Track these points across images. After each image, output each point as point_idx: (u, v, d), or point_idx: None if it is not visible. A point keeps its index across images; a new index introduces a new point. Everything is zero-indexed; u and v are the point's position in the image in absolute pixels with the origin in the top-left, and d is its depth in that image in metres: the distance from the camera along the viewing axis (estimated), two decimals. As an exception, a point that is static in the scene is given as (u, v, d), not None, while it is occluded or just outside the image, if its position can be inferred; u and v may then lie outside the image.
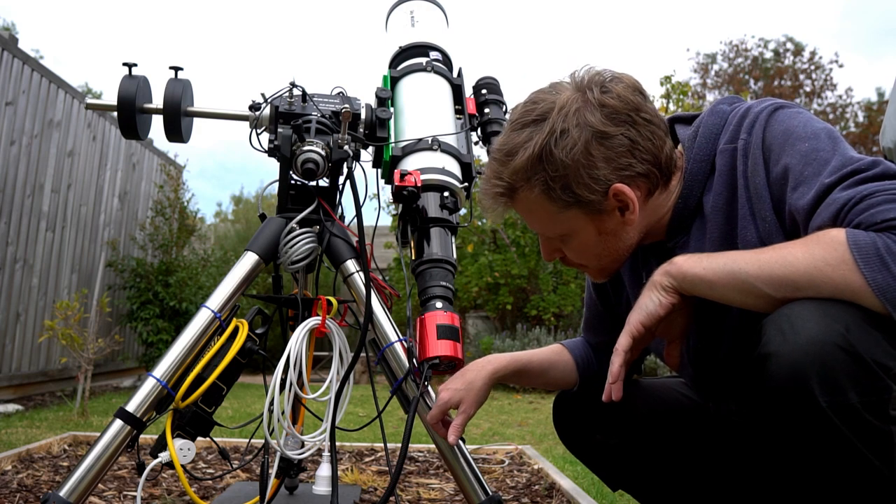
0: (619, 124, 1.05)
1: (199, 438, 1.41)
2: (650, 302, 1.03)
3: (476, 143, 1.63)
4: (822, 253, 0.87)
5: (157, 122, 1.68)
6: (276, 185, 1.53)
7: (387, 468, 2.36)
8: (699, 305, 1.05)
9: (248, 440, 2.44)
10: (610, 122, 1.04)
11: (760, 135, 1.03)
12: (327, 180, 1.55)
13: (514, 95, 1.18)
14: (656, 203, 1.12)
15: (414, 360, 1.30)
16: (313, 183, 1.53)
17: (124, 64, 1.62)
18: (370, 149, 1.58)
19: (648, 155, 1.06)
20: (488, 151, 1.59)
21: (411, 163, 1.46)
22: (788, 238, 0.98)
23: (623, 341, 1.04)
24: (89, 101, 1.68)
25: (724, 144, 1.08)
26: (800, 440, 0.89)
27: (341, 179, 1.54)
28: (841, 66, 19.72)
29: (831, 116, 15.94)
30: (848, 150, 0.96)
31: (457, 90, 1.66)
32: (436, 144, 1.47)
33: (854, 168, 0.91)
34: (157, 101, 1.64)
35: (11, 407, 4.15)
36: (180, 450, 1.36)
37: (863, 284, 0.85)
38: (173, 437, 1.37)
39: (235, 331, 1.44)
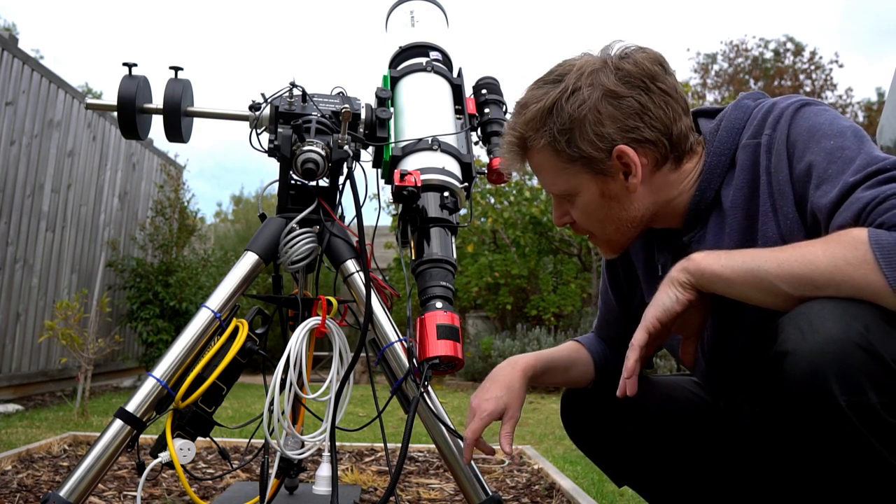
0: (632, 88, 1.06)
1: (199, 438, 1.41)
2: (667, 298, 1.02)
3: (476, 143, 1.62)
4: (842, 252, 0.86)
5: (157, 122, 1.68)
6: (276, 185, 1.53)
7: (387, 468, 2.36)
8: (716, 302, 1.05)
9: (248, 440, 2.44)
10: (622, 84, 1.06)
11: (785, 131, 1.02)
12: (327, 180, 1.55)
13: (515, 95, 1.19)
14: (666, 179, 1.11)
15: (414, 360, 1.30)
16: (313, 183, 1.53)
17: (124, 64, 1.62)
18: (370, 149, 1.58)
19: (658, 123, 1.07)
20: (488, 151, 1.59)
21: (411, 163, 1.46)
22: (810, 236, 0.97)
23: (639, 336, 1.03)
24: (89, 101, 1.68)
25: (746, 139, 1.07)
26: (817, 439, 0.88)
27: (341, 179, 1.54)
28: (841, 66, 19.70)
29: (831, 116, 15.85)
30: (874, 150, 0.94)
31: (457, 90, 1.66)
32: (436, 144, 1.47)
33: (879, 167, 0.90)
34: (157, 101, 1.64)
35: (11, 407, 4.15)
36: (180, 450, 1.36)
37: (884, 285, 0.84)
38: (173, 437, 1.37)
39: (235, 331, 1.44)
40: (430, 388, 1.33)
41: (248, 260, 1.47)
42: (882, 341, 0.83)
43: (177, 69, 1.65)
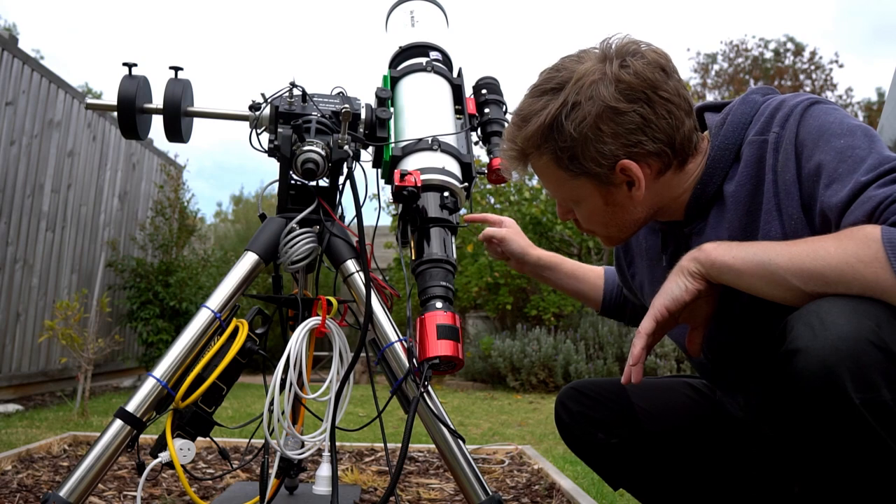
0: (633, 101, 1.04)
1: (199, 438, 1.41)
2: (676, 287, 1.02)
3: (476, 143, 1.63)
4: (854, 249, 0.86)
5: (157, 122, 1.68)
6: (276, 185, 1.53)
7: (387, 468, 2.36)
8: (722, 294, 1.04)
9: (248, 440, 2.44)
10: (623, 99, 1.04)
11: (794, 129, 1.01)
12: (327, 180, 1.55)
13: (515, 95, 1.19)
14: (669, 183, 1.11)
15: (414, 360, 1.30)
16: (313, 183, 1.53)
17: (124, 64, 1.62)
18: (370, 149, 1.58)
19: (661, 134, 1.06)
20: (488, 151, 1.59)
21: (411, 163, 1.46)
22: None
23: (646, 324, 1.03)
24: (89, 101, 1.68)
25: (753, 135, 1.07)
26: (829, 437, 0.87)
27: (341, 179, 1.55)
28: (841, 66, 19.70)
29: (831, 116, 15.83)
30: (884, 149, 0.94)
31: (457, 90, 1.66)
32: (436, 144, 1.47)
33: (891, 166, 0.90)
34: (157, 101, 1.64)
35: (11, 407, 4.15)
36: (180, 450, 1.36)
37: (894, 283, 0.83)
38: (173, 437, 1.37)
39: (235, 331, 1.44)
40: (430, 388, 1.33)
41: (248, 260, 1.47)
42: (894, 339, 0.82)
43: (177, 69, 1.65)
